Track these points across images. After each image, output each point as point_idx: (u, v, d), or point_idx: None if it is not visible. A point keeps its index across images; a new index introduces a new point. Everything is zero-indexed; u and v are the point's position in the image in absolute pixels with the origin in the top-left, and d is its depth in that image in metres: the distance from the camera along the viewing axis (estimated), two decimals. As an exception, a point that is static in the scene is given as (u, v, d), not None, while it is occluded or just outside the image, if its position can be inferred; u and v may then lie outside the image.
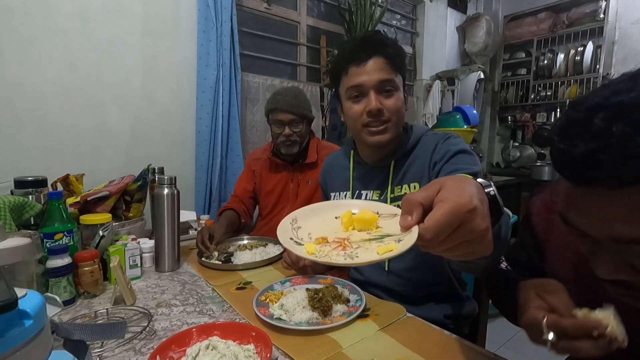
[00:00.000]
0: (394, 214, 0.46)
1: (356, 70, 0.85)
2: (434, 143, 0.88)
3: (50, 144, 1.42)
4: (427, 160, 0.87)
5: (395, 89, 0.85)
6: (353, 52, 0.86)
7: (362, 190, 0.97)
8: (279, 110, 1.32)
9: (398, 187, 0.90)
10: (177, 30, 1.71)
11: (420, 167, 0.88)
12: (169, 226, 1.02)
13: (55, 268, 0.78)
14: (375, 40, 0.85)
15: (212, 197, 1.82)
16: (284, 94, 1.34)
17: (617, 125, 0.35)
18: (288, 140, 1.34)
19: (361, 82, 0.84)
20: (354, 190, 0.99)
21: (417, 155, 0.90)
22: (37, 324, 0.35)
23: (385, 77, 0.83)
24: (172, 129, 1.75)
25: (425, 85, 3.05)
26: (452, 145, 0.85)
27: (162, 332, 0.69)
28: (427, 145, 0.89)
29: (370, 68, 0.83)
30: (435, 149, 0.86)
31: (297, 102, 1.33)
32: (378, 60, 0.84)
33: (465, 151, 0.84)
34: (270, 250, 1.18)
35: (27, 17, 1.33)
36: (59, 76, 1.42)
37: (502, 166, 3.64)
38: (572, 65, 2.99)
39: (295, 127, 1.33)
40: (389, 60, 0.84)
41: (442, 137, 0.89)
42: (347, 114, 0.90)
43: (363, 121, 0.86)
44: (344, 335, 0.67)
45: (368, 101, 0.84)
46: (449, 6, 3.18)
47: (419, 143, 0.92)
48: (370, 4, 2.32)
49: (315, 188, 1.36)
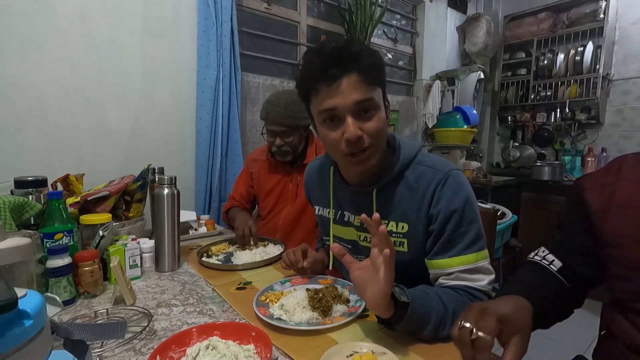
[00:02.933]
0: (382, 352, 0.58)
1: (327, 92, 0.71)
2: (433, 184, 0.76)
3: (50, 144, 1.42)
4: (424, 205, 0.77)
5: (375, 108, 0.73)
6: (322, 69, 0.71)
7: (345, 211, 0.90)
8: (270, 120, 1.31)
9: (384, 222, 0.80)
10: (177, 30, 1.71)
11: (412, 207, 0.78)
12: (169, 226, 1.02)
13: (55, 268, 0.78)
14: (346, 55, 0.70)
15: (212, 197, 1.82)
16: (275, 103, 1.30)
17: None
18: (279, 150, 1.34)
19: (334, 106, 0.71)
20: (335, 211, 0.92)
21: (406, 188, 0.79)
22: (37, 324, 0.35)
23: (362, 97, 0.70)
24: (172, 129, 1.75)
25: (425, 85, 3.05)
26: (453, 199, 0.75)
27: (162, 332, 0.69)
28: (421, 182, 0.78)
29: (344, 87, 0.70)
30: (434, 195, 0.76)
31: (288, 113, 1.28)
32: (352, 77, 0.70)
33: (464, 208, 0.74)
34: (270, 250, 1.18)
35: (27, 17, 1.33)
36: (59, 76, 1.42)
37: (502, 166, 3.64)
38: (572, 65, 2.99)
39: (287, 137, 1.32)
40: (364, 76, 0.70)
41: (441, 180, 0.76)
42: (324, 139, 0.78)
43: (342, 150, 0.74)
44: (344, 335, 0.67)
45: (345, 127, 0.71)
46: (449, 6, 3.18)
47: (409, 172, 0.80)
48: (370, 4, 2.32)
49: None
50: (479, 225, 0.76)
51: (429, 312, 0.64)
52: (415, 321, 0.63)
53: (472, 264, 0.73)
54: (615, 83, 2.92)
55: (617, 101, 2.93)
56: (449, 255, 0.74)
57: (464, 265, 0.73)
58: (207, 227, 1.45)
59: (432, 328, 0.64)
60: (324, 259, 1.00)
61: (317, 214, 1.01)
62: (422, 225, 0.77)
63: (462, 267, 0.73)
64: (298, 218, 1.38)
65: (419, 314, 0.63)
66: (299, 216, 1.38)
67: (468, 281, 0.73)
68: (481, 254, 0.74)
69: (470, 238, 0.74)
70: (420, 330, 0.64)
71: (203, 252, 1.15)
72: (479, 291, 0.73)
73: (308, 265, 0.92)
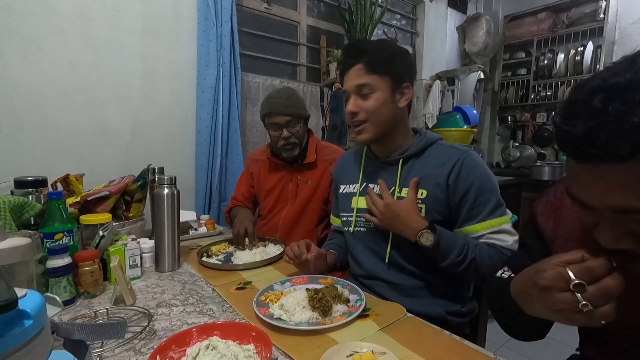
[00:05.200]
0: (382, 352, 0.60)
1: (346, 77, 0.94)
2: (453, 159, 0.89)
3: (50, 144, 1.42)
4: (442, 175, 0.89)
5: (373, 90, 0.90)
6: (341, 60, 0.96)
7: (370, 184, 1.00)
8: (274, 113, 1.31)
9: (405, 189, 0.92)
10: (177, 30, 1.71)
11: (433, 176, 0.90)
12: (169, 226, 1.02)
13: (55, 268, 0.78)
14: (354, 50, 0.93)
15: (212, 197, 1.82)
16: (276, 96, 1.32)
17: (613, 104, 0.37)
18: (288, 143, 1.33)
19: (345, 88, 0.94)
20: (362, 183, 1.02)
21: (429, 161, 0.92)
22: (37, 324, 0.35)
23: (360, 82, 0.90)
24: (172, 129, 1.75)
25: (425, 85, 3.04)
26: (471, 172, 0.87)
27: (162, 332, 0.69)
28: (443, 156, 0.91)
29: (351, 75, 0.92)
30: (454, 168, 0.88)
31: (291, 103, 1.31)
32: (357, 67, 0.91)
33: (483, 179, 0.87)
34: (270, 250, 1.18)
35: (27, 17, 1.33)
36: (59, 76, 1.42)
37: (502, 166, 3.64)
38: (572, 65, 2.99)
39: (293, 127, 1.32)
40: (367, 66, 0.90)
41: (460, 156, 0.89)
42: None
43: (349, 121, 0.96)
44: (344, 335, 0.67)
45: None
46: (449, 6, 3.18)
47: (432, 148, 0.94)
48: (370, 4, 2.32)
49: (315, 188, 1.36)
50: (498, 194, 0.88)
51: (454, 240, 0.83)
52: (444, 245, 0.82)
53: (496, 227, 0.86)
54: (615, 83, 2.91)
55: (617, 101, 2.92)
56: (476, 222, 0.87)
57: (490, 229, 0.86)
58: (207, 227, 1.45)
59: (456, 253, 0.82)
60: (327, 255, 1.00)
61: (340, 192, 1.09)
62: (440, 191, 0.89)
63: (488, 230, 0.86)
64: (298, 218, 1.38)
65: (446, 239, 0.82)
66: (299, 216, 1.38)
67: (495, 240, 0.85)
68: (504, 219, 0.87)
69: (492, 205, 0.86)
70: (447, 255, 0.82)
71: (203, 252, 1.15)
72: (505, 248, 0.85)
73: (312, 257, 0.92)
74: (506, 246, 0.85)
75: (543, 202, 0.67)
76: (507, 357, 0.63)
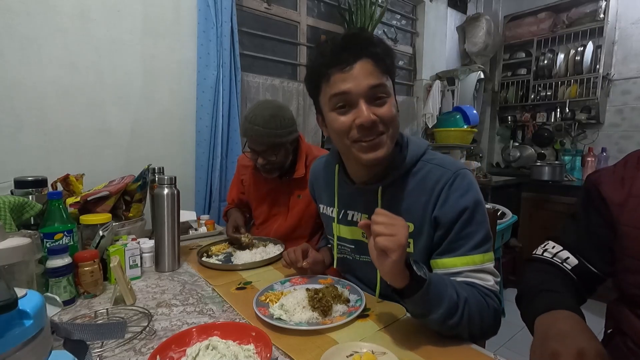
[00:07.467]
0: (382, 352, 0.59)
1: (340, 76, 0.70)
2: (441, 183, 0.74)
3: (50, 144, 1.42)
4: (428, 204, 0.75)
5: (388, 95, 0.73)
6: (335, 54, 0.71)
7: (349, 210, 0.88)
8: (249, 139, 1.19)
9: None
10: (177, 30, 1.71)
11: (418, 207, 0.76)
12: (169, 226, 1.02)
13: (55, 268, 0.78)
14: (361, 40, 0.72)
15: (212, 197, 1.82)
16: (253, 121, 1.15)
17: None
18: (263, 168, 1.24)
19: (347, 90, 0.70)
20: (339, 209, 0.91)
21: (414, 187, 0.77)
22: (37, 324, 0.35)
23: (376, 82, 0.70)
24: (172, 129, 1.75)
25: (425, 85, 3.05)
26: (460, 199, 0.72)
27: (162, 332, 0.69)
28: (428, 181, 0.76)
29: (357, 73, 0.69)
30: (441, 194, 0.74)
31: (268, 131, 1.15)
32: (366, 63, 0.70)
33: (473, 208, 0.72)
34: (270, 250, 1.18)
35: (27, 17, 1.33)
36: (59, 76, 1.42)
37: (502, 166, 3.64)
38: (572, 65, 2.99)
39: (269, 156, 1.19)
40: (378, 62, 0.71)
41: (449, 179, 0.74)
42: (332, 126, 0.75)
43: (353, 136, 0.72)
44: (344, 335, 0.67)
45: (358, 112, 0.70)
46: (449, 6, 3.18)
47: (416, 170, 0.78)
48: (370, 4, 2.32)
49: (308, 203, 1.27)
50: (487, 226, 0.73)
51: (442, 295, 0.62)
52: (429, 299, 0.62)
53: (478, 264, 0.71)
54: (615, 83, 2.92)
55: (617, 101, 2.93)
56: (455, 255, 0.72)
57: (470, 266, 0.71)
58: (207, 227, 1.45)
59: (443, 313, 0.62)
60: (324, 259, 1.00)
61: (320, 212, 1.00)
62: (427, 225, 0.75)
63: (468, 267, 0.71)
64: (292, 231, 1.32)
65: (434, 293, 0.62)
66: (293, 229, 1.32)
67: (475, 279, 0.70)
68: (487, 256, 0.72)
69: (478, 239, 0.71)
70: (429, 313, 0.62)
71: (203, 252, 1.15)
72: (488, 289, 0.70)
73: (307, 265, 0.92)
74: (488, 286, 0.70)
75: (607, 172, 0.70)
76: (507, 357, 0.63)
